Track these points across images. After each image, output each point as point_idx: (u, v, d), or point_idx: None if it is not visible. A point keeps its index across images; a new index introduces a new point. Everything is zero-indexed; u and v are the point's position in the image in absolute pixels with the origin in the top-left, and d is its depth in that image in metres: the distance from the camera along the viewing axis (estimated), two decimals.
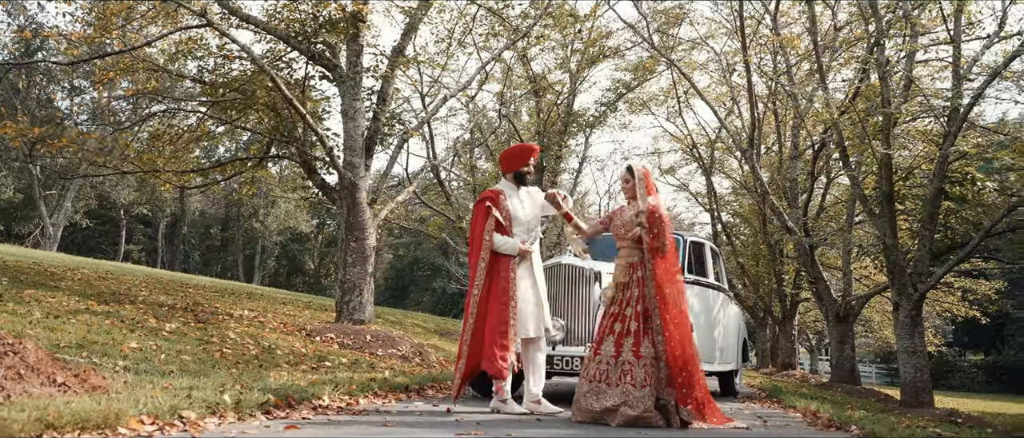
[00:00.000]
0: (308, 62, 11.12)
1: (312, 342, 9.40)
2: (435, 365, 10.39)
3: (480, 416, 5.30)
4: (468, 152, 20.38)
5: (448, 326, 19.71)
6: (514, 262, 5.50)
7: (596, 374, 5.06)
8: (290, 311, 13.54)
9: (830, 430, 5.31)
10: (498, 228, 5.52)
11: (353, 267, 10.58)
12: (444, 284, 49.88)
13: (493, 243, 5.47)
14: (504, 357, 5.31)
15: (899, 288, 10.11)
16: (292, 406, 4.92)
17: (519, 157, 5.75)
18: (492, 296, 5.42)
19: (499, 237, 5.49)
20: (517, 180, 5.72)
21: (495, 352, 5.30)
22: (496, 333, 5.32)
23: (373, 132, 10.83)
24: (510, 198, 5.65)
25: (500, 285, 5.42)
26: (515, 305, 5.41)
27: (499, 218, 5.52)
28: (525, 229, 5.63)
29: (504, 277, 5.44)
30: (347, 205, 10.50)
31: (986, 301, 20.60)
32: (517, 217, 5.59)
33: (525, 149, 5.83)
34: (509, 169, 5.75)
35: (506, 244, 5.48)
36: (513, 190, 5.71)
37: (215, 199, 51.96)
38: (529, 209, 5.70)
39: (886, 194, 9.76)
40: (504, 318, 5.35)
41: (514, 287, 5.43)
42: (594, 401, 5.00)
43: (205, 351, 6.97)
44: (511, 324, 5.36)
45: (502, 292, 5.40)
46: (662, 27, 19.46)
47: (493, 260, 5.47)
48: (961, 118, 9.76)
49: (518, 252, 5.48)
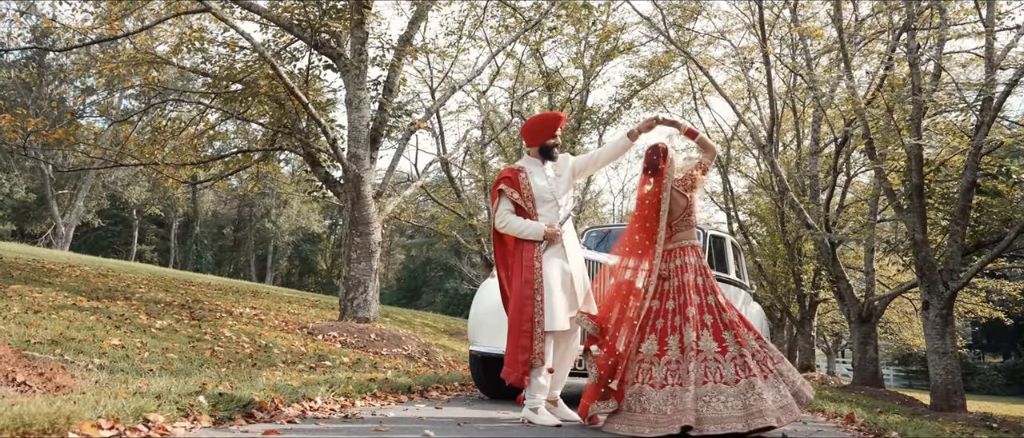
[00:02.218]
0: (312, 51, 10.74)
1: (313, 341, 9.00)
2: (442, 365, 9.98)
3: (490, 423, 4.88)
4: (479, 150, 19.96)
5: (458, 326, 19.30)
6: (539, 248, 4.79)
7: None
8: (294, 309, 13.16)
9: (869, 436, 4.86)
10: (518, 211, 4.88)
11: (358, 263, 10.18)
12: (457, 285, 49.59)
13: (512, 228, 4.84)
14: (526, 361, 4.60)
15: (929, 286, 9.61)
16: (279, 408, 4.51)
17: (545, 127, 5.01)
18: (512, 289, 4.80)
19: (518, 221, 4.83)
20: (543, 154, 5.00)
21: (516, 357, 4.62)
22: (517, 333, 4.64)
23: (379, 124, 10.43)
24: (532, 175, 4.96)
25: (524, 276, 4.71)
26: (541, 298, 4.67)
27: (517, 200, 4.88)
28: (552, 207, 4.91)
29: (528, 266, 4.73)
30: (351, 199, 10.10)
31: (1011, 302, 19.98)
32: (541, 196, 4.89)
33: (551, 118, 5.06)
34: (534, 142, 5.03)
35: (528, 228, 4.80)
36: (537, 165, 5.01)
37: (227, 199, 51.88)
38: (557, 184, 5.00)
39: (916, 187, 9.26)
40: (527, 315, 4.64)
41: (539, 277, 4.70)
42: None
43: (194, 349, 6.57)
44: (536, 321, 4.64)
45: (525, 284, 4.70)
46: (678, 21, 18.99)
47: (515, 247, 4.85)
48: (995, 108, 9.26)
49: (544, 236, 4.81)
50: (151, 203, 43.21)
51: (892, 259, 16.00)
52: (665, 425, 4.15)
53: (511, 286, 4.81)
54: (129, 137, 12.46)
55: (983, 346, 45.49)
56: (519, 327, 4.64)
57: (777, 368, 4.24)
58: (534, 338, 4.62)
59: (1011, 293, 19.58)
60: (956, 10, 11.18)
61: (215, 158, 12.40)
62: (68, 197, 35.20)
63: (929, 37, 10.44)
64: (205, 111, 12.16)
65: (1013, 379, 42.32)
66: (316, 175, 10.98)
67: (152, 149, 11.67)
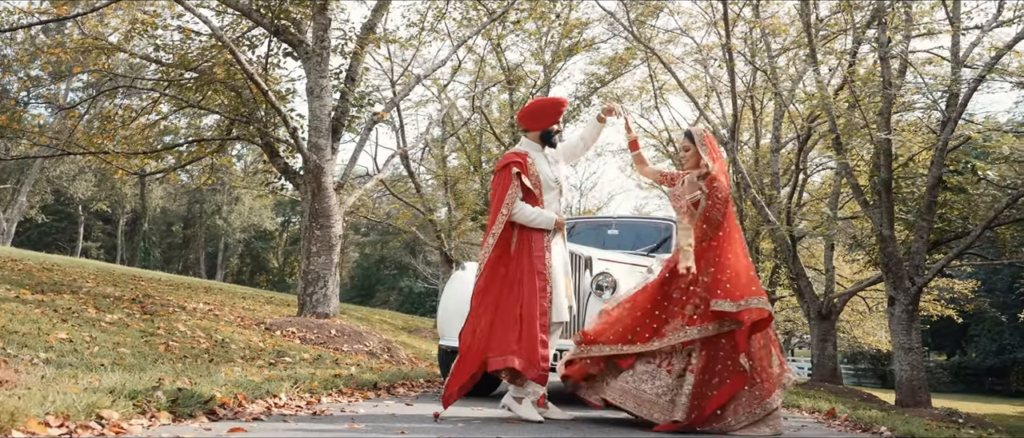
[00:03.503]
0: (271, 38, 10.38)
1: (271, 336, 8.66)
2: (405, 362, 9.72)
3: (469, 420, 4.65)
4: (439, 146, 19.67)
5: (417, 323, 19.04)
6: (548, 237, 4.55)
7: None
8: (249, 305, 12.76)
9: (856, 431, 4.74)
10: (527, 197, 4.55)
11: (317, 256, 9.85)
12: (411, 283, 49.18)
13: (524, 216, 4.51)
14: (546, 357, 4.29)
15: (895, 282, 9.62)
16: (242, 405, 4.23)
17: (548, 112, 4.72)
18: (517, 281, 4.45)
19: (530, 209, 4.52)
20: (544, 139, 4.72)
21: (537, 351, 4.28)
22: (534, 328, 4.32)
23: (341, 113, 10.11)
24: (537, 161, 4.65)
25: (535, 266, 4.43)
26: (551, 289, 4.43)
27: (527, 185, 4.53)
28: (556, 195, 4.69)
29: (539, 257, 4.46)
30: (312, 190, 9.76)
31: (963, 300, 20.32)
32: (546, 183, 4.62)
33: (554, 103, 4.77)
34: (535, 126, 4.72)
35: (540, 217, 4.52)
36: (538, 151, 4.72)
37: (177, 195, 50.73)
38: (558, 171, 4.75)
39: (884, 182, 9.26)
40: (543, 308, 4.36)
41: (549, 268, 4.47)
42: None
43: (148, 344, 6.22)
44: (549, 315, 4.39)
45: (537, 275, 4.41)
46: (640, 17, 18.93)
47: (521, 236, 4.52)
48: (961, 105, 9.29)
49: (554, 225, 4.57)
50: (98, 199, 41.97)
51: (850, 256, 16.11)
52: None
53: (515, 278, 4.48)
54: (77, 127, 11.95)
55: (929, 345, 46.62)
56: (535, 321, 4.35)
57: None
58: (550, 331, 4.40)
59: (963, 291, 19.91)
60: (923, 8, 11.24)
61: (169, 147, 11.92)
62: (10, 192, 33.98)
63: (897, 32, 10.46)
64: (158, 100, 11.68)
65: (958, 377, 43.38)
66: (275, 166, 10.61)
67: (102, 138, 11.17)
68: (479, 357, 4.44)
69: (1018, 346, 40.04)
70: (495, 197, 4.63)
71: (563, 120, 22.98)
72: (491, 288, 4.49)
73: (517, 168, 4.56)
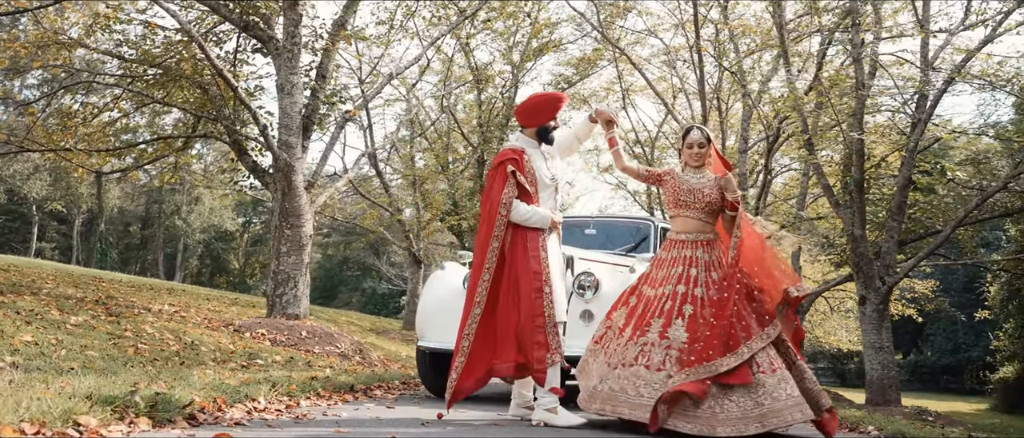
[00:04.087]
0: (239, 34, 10.16)
1: (241, 338, 8.46)
2: (377, 364, 9.58)
3: (463, 423, 4.55)
4: (409, 144, 19.50)
5: (384, 325, 18.86)
6: (543, 237, 4.46)
7: None
8: (214, 306, 12.50)
9: (843, 431, 4.73)
10: (523, 196, 4.45)
11: (287, 256, 9.66)
12: (375, 285, 48.83)
13: (519, 215, 4.40)
14: (541, 358, 4.23)
15: (866, 281, 9.70)
16: (222, 409, 4.09)
17: (546, 108, 4.61)
18: (513, 282, 4.36)
19: (525, 207, 4.42)
20: (540, 136, 4.62)
21: (533, 353, 4.23)
22: (533, 330, 4.25)
23: (311, 111, 9.92)
24: (533, 158, 4.56)
25: (531, 266, 4.33)
26: (549, 290, 4.33)
27: (523, 183, 4.43)
28: (551, 193, 4.61)
29: (535, 256, 4.35)
30: (282, 189, 9.57)
31: (923, 299, 20.65)
32: (542, 180, 4.54)
33: (552, 98, 4.70)
34: (532, 122, 4.61)
35: (535, 216, 4.43)
36: (535, 147, 4.62)
37: (135, 196, 49.74)
38: (553, 168, 4.67)
39: (857, 182, 9.33)
40: (538, 309, 4.27)
41: (547, 268, 4.36)
42: None
43: (116, 347, 6.02)
44: (547, 315, 4.28)
45: (534, 276, 4.31)
46: (608, 18, 18.95)
47: (516, 236, 4.41)
48: (930, 107, 9.41)
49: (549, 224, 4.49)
50: (52, 198, 40.95)
51: (817, 256, 16.28)
52: None
53: (507, 276, 4.39)
54: (36, 124, 11.59)
55: None
56: (531, 323, 4.26)
57: None
58: (548, 333, 4.28)
59: (924, 291, 20.23)
60: (895, 6, 11.36)
61: (133, 145, 11.61)
62: None
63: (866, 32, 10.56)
64: (120, 97, 11.37)
65: (914, 375, 44.16)
66: (243, 164, 10.38)
67: (62, 136, 10.85)
68: (485, 362, 4.35)
69: (973, 345, 40.89)
70: (489, 195, 4.51)
71: None
72: (492, 289, 4.38)
73: (513, 166, 4.45)
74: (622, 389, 4.17)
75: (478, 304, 4.38)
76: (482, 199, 4.60)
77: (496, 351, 4.32)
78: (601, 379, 4.28)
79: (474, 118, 20.58)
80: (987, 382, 29.61)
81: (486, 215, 4.49)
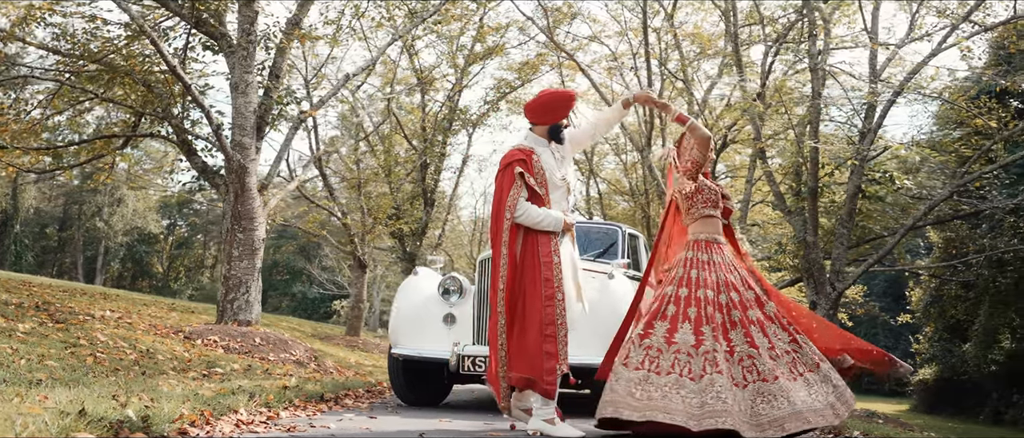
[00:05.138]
0: (190, 30, 9.81)
1: (193, 346, 8.15)
2: (332, 371, 9.35)
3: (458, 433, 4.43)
4: (352, 147, 19.16)
5: (326, 331, 18.52)
6: (556, 241, 4.25)
7: None
8: (155, 312, 12.06)
9: (828, 436, 4.78)
10: (532, 198, 4.24)
11: (239, 261, 9.35)
12: (305, 289, 47.92)
13: (530, 218, 4.20)
14: (552, 369, 4.03)
15: (817, 286, 9.92)
16: (209, 423, 3.90)
17: (559, 106, 4.40)
18: (527, 287, 4.17)
19: (536, 210, 4.21)
20: (552, 134, 4.41)
21: (542, 365, 4.03)
22: (540, 338, 4.06)
23: (264, 111, 9.63)
24: (543, 157, 4.33)
25: (541, 273, 4.14)
26: (561, 297, 4.14)
27: (532, 185, 4.23)
28: (563, 193, 4.39)
29: (547, 262, 4.16)
30: (235, 191, 9.26)
31: (854, 304, 21.27)
32: (552, 181, 4.32)
33: (565, 96, 4.46)
34: (544, 120, 4.39)
35: (547, 218, 4.22)
36: (544, 146, 4.39)
37: (53, 196, 47.77)
38: (564, 167, 4.46)
39: (811, 190, 9.54)
40: (549, 317, 4.09)
41: (559, 273, 4.17)
42: None
43: (74, 356, 5.71)
44: (558, 324, 4.10)
45: (545, 282, 4.12)
46: (553, 24, 19.01)
47: (527, 240, 4.23)
48: (879, 117, 9.68)
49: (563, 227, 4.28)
50: None
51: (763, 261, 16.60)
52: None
53: (521, 285, 4.21)
54: None
55: None
56: (541, 331, 4.08)
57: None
58: (558, 341, 4.10)
59: (854, 296, 20.85)
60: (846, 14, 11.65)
61: (73, 144, 11.08)
62: None
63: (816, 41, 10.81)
64: (57, 93, 10.84)
65: None
66: (192, 165, 10.01)
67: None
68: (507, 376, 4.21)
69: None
70: (498, 198, 4.32)
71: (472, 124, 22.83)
72: (508, 298, 4.20)
73: (521, 167, 4.25)
74: None
75: (501, 314, 4.21)
76: (494, 203, 4.44)
77: (510, 360, 4.18)
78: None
79: (417, 121, 20.39)
80: (907, 384, 30.75)
81: (495, 220, 4.32)
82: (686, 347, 4.13)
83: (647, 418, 4.01)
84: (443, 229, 22.51)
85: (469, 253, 29.65)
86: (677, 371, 4.07)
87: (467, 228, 31.54)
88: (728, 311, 4.21)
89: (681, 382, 4.04)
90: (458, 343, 5.76)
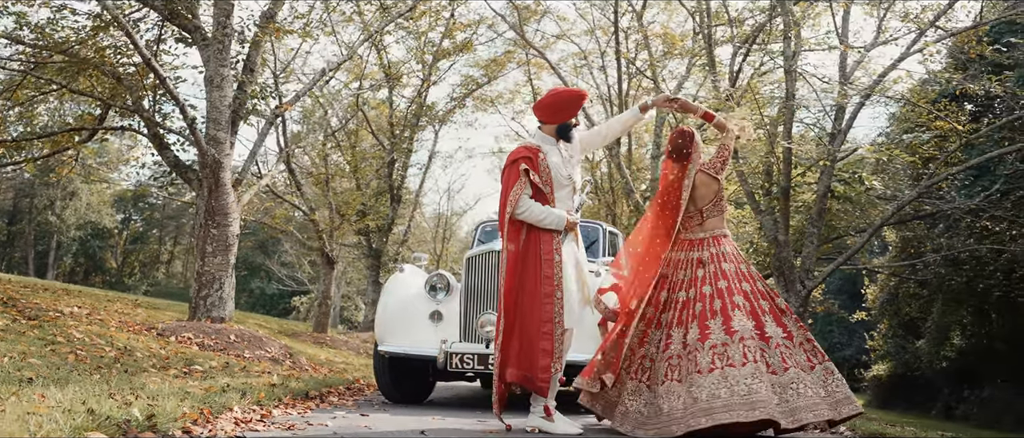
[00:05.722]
0: (162, 23, 9.64)
1: (168, 343, 8.03)
2: (308, 368, 9.28)
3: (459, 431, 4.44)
4: (321, 143, 18.99)
5: (292, 328, 18.34)
6: (558, 239, 4.25)
7: None
8: (121, 308, 11.83)
9: (815, 431, 4.87)
10: (536, 195, 4.25)
11: (213, 257, 9.23)
12: (263, 285, 47.33)
13: (532, 215, 4.21)
14: (547, 366, 4.05)
15: (787, 285, 10.10)
16: (210, 421, 3.87)
17: (568, 105, 4.42)
18: (526, 286, 4.18)
19: (539, 208, 4.22)
20: (561, 133, 4.41)
21: (537, 362, 4.06)
22: (536, 336, 4.09)
23: (238, 105, 9.51)
24: (550, 155, 4.33)
25: (542, 271, 4.16)
26: (561, 295, 4.15)
27: (537, 182, 4.24)
28: (569, 192, 4.40)
29: (547, 260, 4.16)
30: (209, 186, 9.13)
31: (814, 302, 21.66)
32: (559, 179, 4.32)
33: (575, 95, 4.48)
34: (553, 119, 4.40)
35: (549, 216, 4.22)
36: (552, 145, 4.39)
37: (2, 189, 46.52)
38: (572, 166, 4.44)
39: (784, 190, 9.72)
40: (546, 315, 4.10)
41: (560, 272, 4.18)
42: None
43: (55, 353, 5.61)
44: (556, 322, 4.11)
45: (544, 280, 4.14)
46: (523, 19, 19.06)
47: (530, 237, 4.23)
48: (849, 119, 9.88)
49: (565, 226, 4.28)
50: None
51: None
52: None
53: (521, 282, 4.21)
54: None
55: None
56: (537, 329, 4.10)
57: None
58: (555, 339, 4.12)
59: (814, 294, 21.22)
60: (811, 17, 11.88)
61: (39, 136, 10.80)
62: None
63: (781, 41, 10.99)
64: (21, 83, 10.58)
65: None
66: (163, 159, 9.84)
67: None
68: (503, 371, 4.19)
69: (846, 344, 43.17)
70: (504, 194, 4.33)
71: (439, 121, 22.72)
72: (510, 297, 4.21)
73: (526, 164, 4.27)
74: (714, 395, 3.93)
75: (501, 314, 4.22)
76: (500, 200, 4.42)
77: (508, 356, 4.17)
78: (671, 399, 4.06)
79: (384, 118, 20.29)
80: (861, 379, 31.39)
81: (501, 216, 4.32)
82: (749, 333, 4.06)
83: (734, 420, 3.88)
84: (409, 226, 22.45)
85: (432, 250, 29.57)
86: (751, 360, 3.98)
87: (430, 225, 31.45)
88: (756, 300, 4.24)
89: (759, 372, 3.95)
90: (446, 340, 5.77)
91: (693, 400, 3.96)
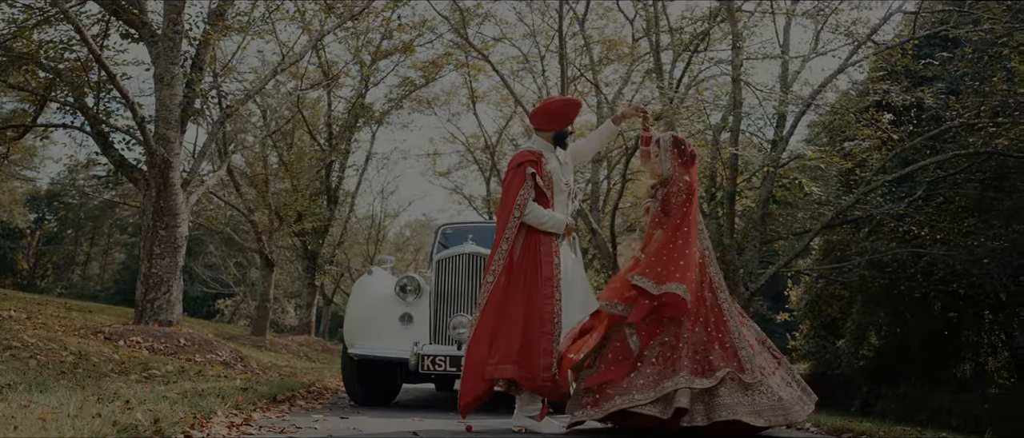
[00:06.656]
0: (107, 19, 9.38)
1: (118, 347, 7.83)
2: (259, 371, 9.16)
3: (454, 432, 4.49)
4: (260, 144, 18.66)
5: (228, 331, 17.98)
6: (556, 243, 4.36)
7: None
8: (54, 311, 11.46)
9: (791, 430, 5.09)
10: (539, 199, 4.34)
11: (161, 259, 9.02)
12: (187, 286, 45.94)
13: (535, 218, 4.29)
14: (548, 366, 4.09)
15: (731, 288, 10.42)
16: (203, 425, 3.85)
17: (565, 113, 4.53)
18: (523, 286, 4.22)
19: (542, 211, 4.32)
20: (557, 140, 4.53)
21: (538, 361, 4.10)
22: (541, 337, 4.13)
23: (187, 104, 9.31)
24: (549, 162, 4.45)
25: (541, 273, 4.24)
26: (560, 296, 4.23)
27: (541, 186, 4.33)
28: (566, 198, 4.53)
29: (547, 262, 4.26)
30: (157, 186, 8.92)
31: None
32: (558, 185, 4.44)
33: (571, 104, 4.59)
34: (549, 126, 4.51)
35: (551, 220, 4.33)
36: (550, 151, 4.52)
37: None
38: (568, 172, 4.60)
39: (730, 194, 10.04)
40: (546, 315, 4.16)
41: (559, 273, 4.26)
42: None
43: (15, 357, 5.45)
44: (555, 322, 4.18)
45: (545, 282, 4.21)
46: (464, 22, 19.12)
47: (529, 239, 4.30)
48: (791, 126, 10.27)
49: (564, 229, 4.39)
50: None
51: None
52: None
53: (520, 283, 4.25)
54: None
55: None
56: (538, 329, 4.15)
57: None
58: (554, 340, 4.18)
59: None
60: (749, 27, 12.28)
61: None
62: None
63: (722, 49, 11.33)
64: None
65: None
66: (108, 158, 9.55)
67: None
68: (484, 369, 4.15)
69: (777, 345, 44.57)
70: (506, 196, 4.40)
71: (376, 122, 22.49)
72: (496, 295, 4.24)
73: (532, 168, 4.36)
74: None
75: (479, 306, 4.27)
76: (501, 201, 4.47)
77: (491, 354, 4.16)
78: None
79: (322, 118, 20.09)
80: None
81: (502, 217, 4.38)
82: None
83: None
84: (345, 227, 22.26)
85: (366, 252, 29.34)
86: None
87: (363, 226, 31.20)
88: None
89: None
90: (418, 342, 5.80)
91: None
